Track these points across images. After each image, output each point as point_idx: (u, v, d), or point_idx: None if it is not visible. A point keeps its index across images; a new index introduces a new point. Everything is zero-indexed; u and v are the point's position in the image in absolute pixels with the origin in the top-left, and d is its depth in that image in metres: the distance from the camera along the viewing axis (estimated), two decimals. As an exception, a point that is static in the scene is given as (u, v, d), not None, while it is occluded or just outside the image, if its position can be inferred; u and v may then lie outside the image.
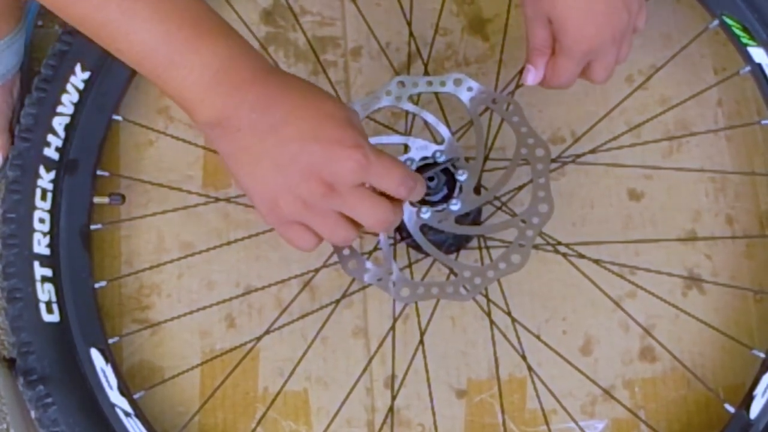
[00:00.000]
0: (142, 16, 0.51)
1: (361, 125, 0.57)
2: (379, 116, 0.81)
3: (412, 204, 0.68)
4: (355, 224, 0.57)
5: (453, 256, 0.77)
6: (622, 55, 0.68)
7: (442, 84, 0.71)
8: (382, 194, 0.57)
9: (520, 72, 0.71)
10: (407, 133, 0.79)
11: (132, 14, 0.51)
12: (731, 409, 0.73)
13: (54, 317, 0.74)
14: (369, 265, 0.67)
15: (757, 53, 0.78)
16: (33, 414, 0.73)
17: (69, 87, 0.78)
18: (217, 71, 0.52)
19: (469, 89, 0.71)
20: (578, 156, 0.79)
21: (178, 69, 0.52)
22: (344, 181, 0.54)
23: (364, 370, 0.77)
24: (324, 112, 0.55)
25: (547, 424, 0.75)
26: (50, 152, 0.77)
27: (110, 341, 0.75)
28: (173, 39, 0.51)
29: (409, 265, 0.76)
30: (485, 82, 0.77)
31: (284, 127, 0.54)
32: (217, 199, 0.82)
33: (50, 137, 0.78)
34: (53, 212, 0.76)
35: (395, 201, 0.58)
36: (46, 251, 0.75)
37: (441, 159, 0.70)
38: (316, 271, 0.78)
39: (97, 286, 0.77)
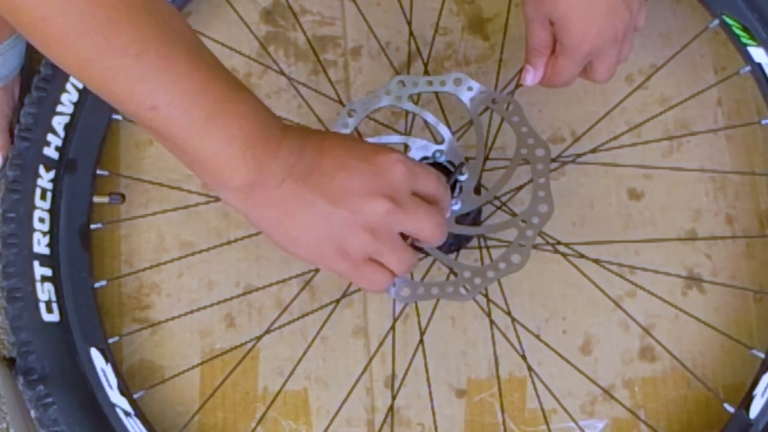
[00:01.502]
0: (183, 71, 0.48)
1: None
2: (379, 116, 0.81)
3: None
4: (415, 248, 0.56)
5: (453, 256, 0.77)
6: (624, 55, 0.68)
7: (442, 84, 0.71)
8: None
9: (520, 72, 0.71)
10: (407, 132, 0.79)
11: (173, 67, 0.48)
12: (731, 409, 0.73)
13: (54, 317, 0.74)
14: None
15: (757, 53, 0.78)
16: (33, 414, 0.73)
17: (69, 86, 0.78)
18: (253, 122, 0.51)
19: (469, 89, 0.71)
20: (578, 156, 0.79)
21: (215, 122, 0.49)
22: (401, 187, 0.54)
23: (364, 369, 0.77)
24: (352, 139, 0.55)
25: (546, 423, 0.76)
26: (50, 151, 0.77)
27: (110, 341, 0.75)
28: (210, 93, 0.49)
29: (409, 265, 0.76)
30: (485, 81, 0.77)
31: (323, 161, 0.52)
32: (217, 199, 0.82)
33: (50, 136, 0.77)
34: (53, 212, 0.76)
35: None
36: (46, 251, 0.75)
37: (441, 159, 0.70)
38: (316, 270, 0.78)
39: (97, 285, 0.77)
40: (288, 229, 0.53)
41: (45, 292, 0.74)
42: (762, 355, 0.74)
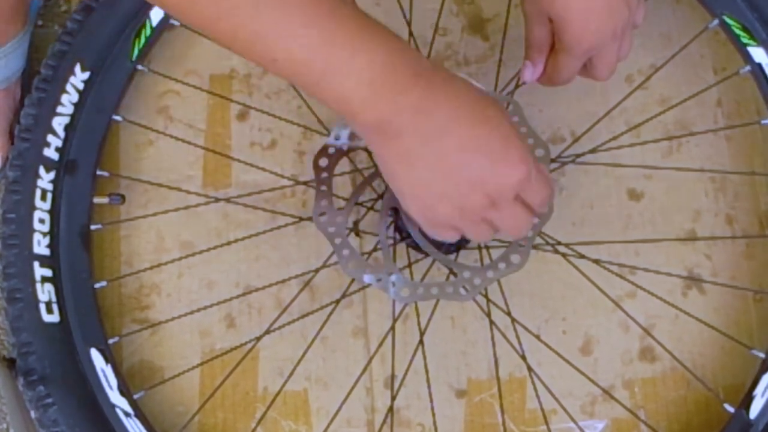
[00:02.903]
0: (298, 23, 0.49)
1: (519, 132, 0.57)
2: (378, 116, 0.81)
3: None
4: (497, 230, 0.58)
5: (453, 256, 0.77)
6: (623, 52, 0.68)
7: (442, 84, 0.71)
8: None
9: (520, 71, 0.71)
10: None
11: (288, 22, 0.49)
12: (731, 409, 0.73)
13: (54, 317, 0.74)
14: (369, 265, 0.67)
15: (757, 53, 0.78)
16: (33, 414, 0.73)
17: (69, 87, 0.78)
18: (377, 73, 0.50)
19: (469, 89, 0.71)
20: (578, 156, 0.79)
21: (336, 75, 0.50)
22: (507, 196, 0.54)
23: (364, 370, 0.77)
24: (488, 121, 0.53)
25: (546, 424, 0.75)
26: (50, 152, 0.77)
27: (110, 341, 0.75)
28: (331, 44, 0.49)
29: (409, 266, 0.76)
30: (485, 81, 0.77)
31: (447, 135, 0.52)
32: (217, 199, 0.82)
33: (50, 137, 0.78)
34: (53, 212, 0.76)
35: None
36: (46, 251, 0.75)
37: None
38: (316, 271, 0.78)
39: (97, 286, 0.77)
40: (392, 172, 0.55)
41: (45, 292, 0.75)
42: (762, 356, 0.74)
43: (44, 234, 0.76)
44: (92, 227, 0.78)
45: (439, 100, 0.52)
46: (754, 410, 0.72)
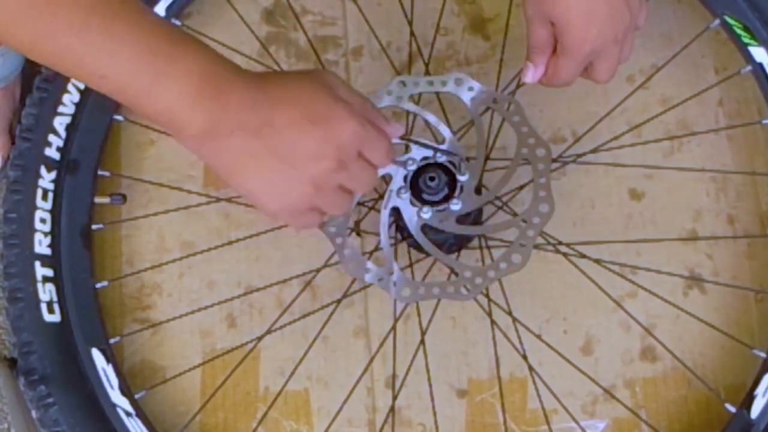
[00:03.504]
0: (125, 39, 0.51)
1: (345, 86, 0.58)
2: (379, 116, 0.81)
3: (413, 204, 0.68)
4: (350, 193, 0.59)
5: (454, 256, 0.77)
6: (625, 54, 0.68)
7: (443, 84, 0.71)
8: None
9: (521, 72, 0.71)
10: (408, 133, 0.79)
11: (115, 38, 0.51)
12: (732, 409, 0.73)
13: (55, 317, 0.74)
14: (370, 265, 0.67)
15: (758, 53, 0.78)
16: (34, 414, 0.73)
17: (70, 87, 0.78)
18: (198, 79, 0.52)
19: (470, 89, 0.71)
20: (579, 156, 0.79)
21: (161, 85, 0.52)
22: (349, 154, 0.56)
23: (365, 369, 0.77)
24: (308, 92, 0.56)
25: (548, 423, 0.75)
26: (51, 152, 0.77)
27: (111, 341, 0.75)
28: (157, 55, 0.51)
29: (410, 265, 0.76)
30: (486, 81, 0.77)
31: (276, 118, 0.54)
32: (218, 199, 0.82)
33: (51, 137, 0.78)
34: (54, 212, 0.76)
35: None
36: (47, 251, 0.75)
37: (441, 159, 0.70)
38: (317, 271, 0.78)
39: (98, 285, 0.77)
40: (236, 176, 0.56)
41: (46, 292, 0.75)
42: (763, 355, 0.74)
43: (45, 234, 0.76)
44: (93, 227, 0.78)
45: (258, 91, 0.54)
46: (755, 410, 0.72)
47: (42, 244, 0.75)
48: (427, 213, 0.68)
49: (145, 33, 0.52)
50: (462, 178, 0.68)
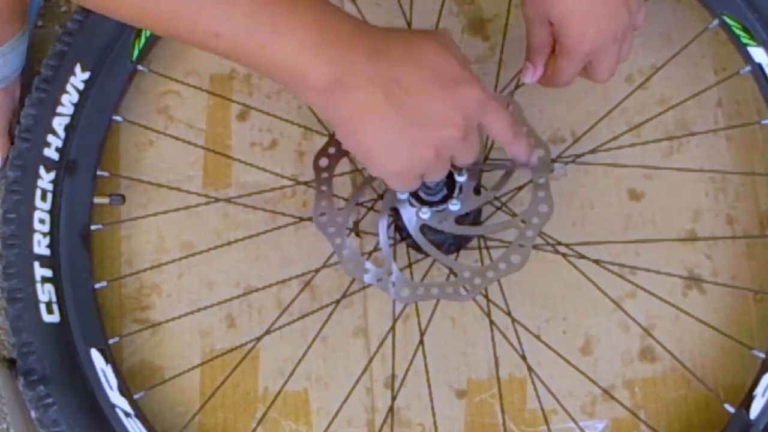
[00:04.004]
0: None
1: (461, 52, 0.57)
2: (379, 116, 0.81)
3: (411, 204, 0.68)
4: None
5: (453, 256, 0.77)
6: (624, 54, 0.68)
7: (442, 84, 0.71)
8: None
9: (520, 72, 0.71)
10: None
11: None
12: (731, 409, 0.73)
13: (54, 318, 0.74)
14: (369, 265, 0.67)
15: (757, 53, 0.78)
16: (33, 414, 0.73)
17: (69, 87, 0.78)
18: (320, 28, 0.50)
19: (469, 89, 0.71)
20: (578, 156, 0.79)
21: (282, 35, 0.50)
22: (473, 122, 0.55)
23: (365, 370, 0.77)
24: (434, 54, 0.54)
25: (547, 424, 0.75)
26: (50, 153, 0.77)
27: (110, 341, 0.75)
28: (273, 6, 0.50)
29: (409, 266, 0.76)
30: (485, 82, 0.76)
31: (404, 77, 0.52)
32: (217, 199, 0.82)
33: (50, 138, 0.78)
34: (53, 213, 0.76)
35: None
36: (47, 252, 0.75)
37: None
38: (317, 271, 0.78)
39: (97, 286, 0.77)
40: (357, 131, 0.53)
41: (45, 292, 0.75)
42: (762, 356, 0.74)
43: (44, 234, 0.76)
44: (92, 227, 0.78)
45: (384, 45, 0.53)
46: (755, 410, 0.72)
47: (41, 245, 0.75)
48: (426, 213, 0.68)
49: None
50: (461, 178, 0.68)
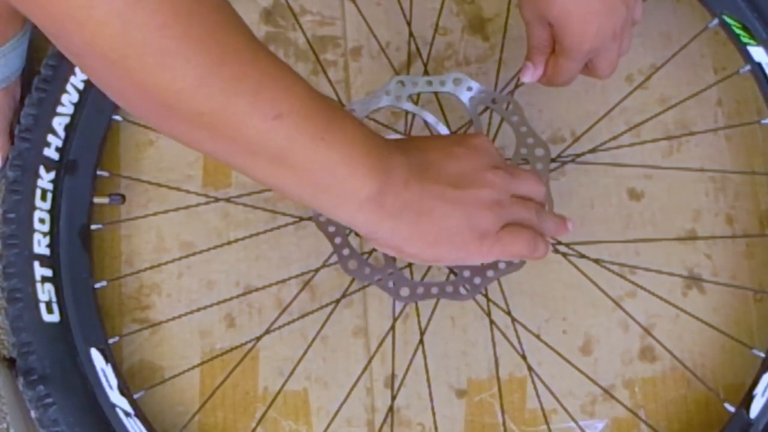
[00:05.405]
0: (289, 78, 0.49)
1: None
2: (379, 116, 0.81)
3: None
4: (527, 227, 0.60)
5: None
6: (623, 49, 0.68)
7: (442, 84, 0.71)
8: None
9: (520, 71, 0.71)
10: (407, 133, 0.79)
11: (282, 77, 0.48)
12: (731, 409, 0.73)
13: (54, 317, 0.74)
14: (369, 265, 0.67)
15: (757, 52, 0.78)
16: (33, 414, 0.73)
17: (69, 87, 0.78)
18: (362, 128, 0.51)
19: (469, 89, 0.71)
20: (578, 155, 0.79)
21: (334, 131, 0.49)
22: (500, 159, 0.59)
23: (364, 369, 0.77)
24: (428, 136, 0.59)
25: (547, 423, 0.75)
26: (50, 152, 0.77)
27: (110, 341, 0.75)
28: (319, 98, 0.50)
29: (409, 265, 0.76)
30: (485, 81, 0.77)
31: (429, 156, 0.55)
32: (217, 199, 0.82)
33: (50, 137, 0.78)
34: (53, 212, 0.76)
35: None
36: (46, 251, 0.75)
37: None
38: (316, 270, 0.78)
39: (97, 286, 0.77)
40: (427, 228, 0.54)
41: (45, 292, 0.75)
42: (762, 355, 0.74)
43: (44, 234, 0.76)
44: (92, 227, 0.78)
45: (405, 141, 0.57)
46: (755, 410, 0.72)
47: (41, 245, 0.75)
48: (425, 213, 0.68)
49: (299, 76, 0.50)
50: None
